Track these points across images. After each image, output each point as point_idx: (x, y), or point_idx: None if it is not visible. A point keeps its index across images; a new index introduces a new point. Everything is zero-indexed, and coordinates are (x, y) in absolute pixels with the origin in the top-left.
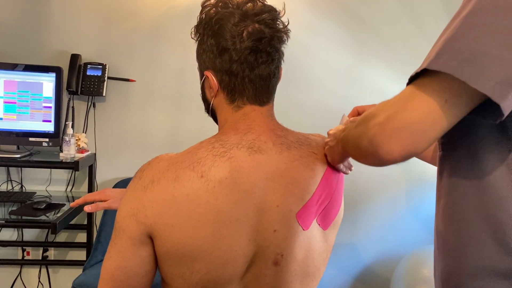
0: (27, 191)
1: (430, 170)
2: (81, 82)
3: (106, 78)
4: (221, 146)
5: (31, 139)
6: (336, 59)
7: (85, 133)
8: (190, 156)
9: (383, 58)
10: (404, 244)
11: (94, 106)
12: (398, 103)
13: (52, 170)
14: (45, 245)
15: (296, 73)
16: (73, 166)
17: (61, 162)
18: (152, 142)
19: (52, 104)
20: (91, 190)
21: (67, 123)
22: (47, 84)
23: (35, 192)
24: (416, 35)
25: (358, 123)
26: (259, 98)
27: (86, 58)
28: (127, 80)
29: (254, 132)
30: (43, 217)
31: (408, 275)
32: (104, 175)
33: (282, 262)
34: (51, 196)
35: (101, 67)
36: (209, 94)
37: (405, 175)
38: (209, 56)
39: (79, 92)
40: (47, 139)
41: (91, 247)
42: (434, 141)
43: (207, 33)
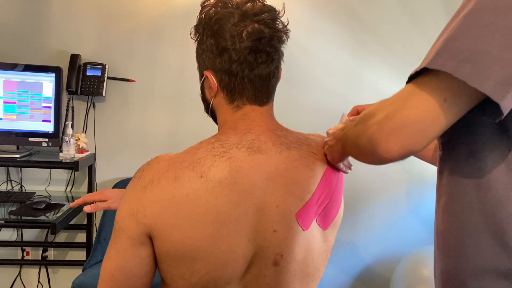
0: (26, 191)
1: (430, 170)
2: (80, 82)
3: (105, 78)
4: (220, 146)
5: (30, 139)
6: (336, 59)
7: (84, 133)
8: (190, 156)
9: (382, 58)
10: (404, 244)
11: (94, 106)
12: (397, 101)
13: (51, 170)
14: (44, 245)
15: (296, 73)
16: (72, 166)
17: (60, 162)
18: (152, 142)
19: (51, 104)
20: (90, 190)
21: (66, 123)
22: (47, 84)
23: (35, 192)
24: (415, 35)
25: (357, 122)
26: (259, 98)
27: (85, 58)
28: (127, 80)
29: (253, 132)
30: (42, 217)
31: (408, 275)
32: (104, 175)
33: (282, 263)
34: (50, 196)
35: (100, 67)
36: (208, 94)
37: (405, 175)
38: (208, 56)
39: (78, 92)
40: (46, 139)
41: (90, 247)
42: (433, 139)
43: (206, 33)
